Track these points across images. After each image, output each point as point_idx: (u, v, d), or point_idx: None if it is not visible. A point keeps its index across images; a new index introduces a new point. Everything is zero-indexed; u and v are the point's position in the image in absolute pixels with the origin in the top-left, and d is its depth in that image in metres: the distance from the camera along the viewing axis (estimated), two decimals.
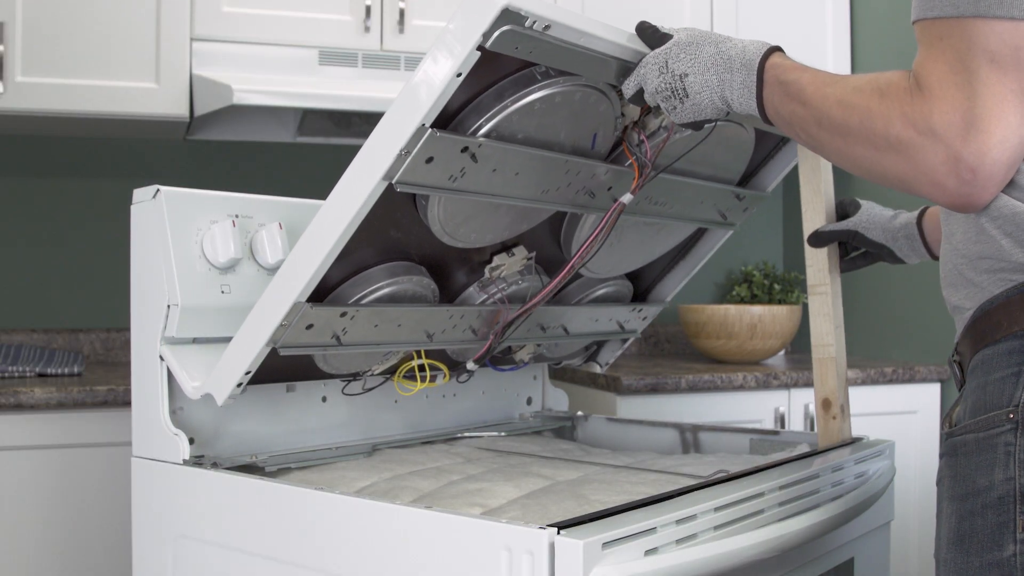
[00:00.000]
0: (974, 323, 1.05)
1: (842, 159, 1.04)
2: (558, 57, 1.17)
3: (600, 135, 1.36)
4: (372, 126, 2.91)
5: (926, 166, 0.93)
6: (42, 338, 2.53)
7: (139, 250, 1.45)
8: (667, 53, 1.19)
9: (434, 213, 1.33)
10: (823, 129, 1.04)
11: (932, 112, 0.92)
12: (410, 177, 1.17)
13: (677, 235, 1.68)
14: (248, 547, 1.27)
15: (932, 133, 0.92)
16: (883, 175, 0.99)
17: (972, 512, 0.98)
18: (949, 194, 0.94)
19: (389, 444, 1.62)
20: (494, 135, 1.22)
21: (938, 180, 0.93)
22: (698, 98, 1.17)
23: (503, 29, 1.08)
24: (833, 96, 1.03)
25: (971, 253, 1.05)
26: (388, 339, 1.43)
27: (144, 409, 1.43)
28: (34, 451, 1.96)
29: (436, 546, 1.06)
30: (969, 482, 0.99)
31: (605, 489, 1.28)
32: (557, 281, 1.47)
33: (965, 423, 1.01)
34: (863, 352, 2.87)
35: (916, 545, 2.56)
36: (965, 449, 1.00)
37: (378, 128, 1.16)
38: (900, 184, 0.98)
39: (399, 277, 1.40)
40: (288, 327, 1.26)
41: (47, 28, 2.22)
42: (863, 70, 2.85)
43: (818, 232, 1.49)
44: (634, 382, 2.28)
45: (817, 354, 1.48)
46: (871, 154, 0.98)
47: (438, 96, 1.11)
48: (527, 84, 1.22)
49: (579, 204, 1.42)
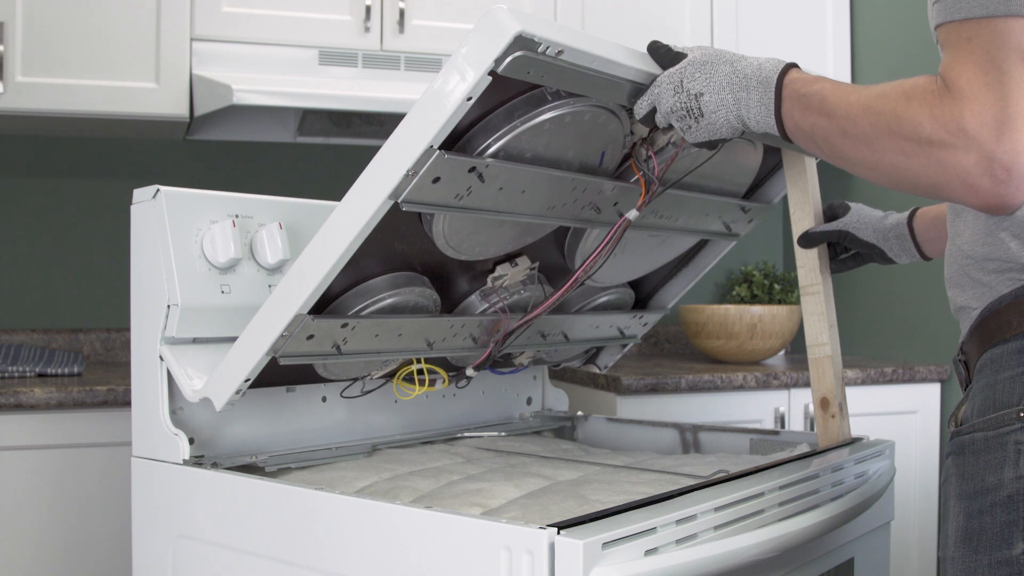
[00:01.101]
0: (982, 322, 1.04)
1: (869, 168, 1.02)
2: (570, 81, 1.16)
3: (608, 152, 1.35)
4: (372, 126, 2.92)
5: (959, 168, 0.91)
6: (42, 338, 2.53)
7: (139, 250, 1.45)
8: (682, 72, 1.18)
9: (439, 228, 1.32)
10: (848, 138, 1.02)
11: (963, 113, 0.90)
12: (416, 196, 1.17)
13: (681, 245, 1.68)
14: (248, 547, 1.27)
15: (964, 134, 0.90)
16: (913, 181, 0.97)
17: (981, 510, 0.97)
18: (983, 196, 0.92)
19: (389, 444, 1.62)
20: (502, 155, 1.21)
21: (971, 182, 0.91)
22: (713, 117, 1.16)
23: (516, 55, 1.07)
24: (858, 104, 1.01)
25: (978, 254, 1.04)
26: (388, 348, 1.43)
27: (144, 409, 1.43)
28: (34, 451, 1.96)
29: (436, 546, 1.06)
30: (978, 480, 0.98)
31: (605, 489, 1.28)
32: (560, 295, 1.47)
33: (973, 422, 1.01)
34: (863, 352, 2.87)
35: (916, 545, 2.56)
36: (973, 447, 1.00)
37: (385, 147, 1.15)
38: (930, 189, 0.96)
39: (401, 288, 1.40)
40: (289, 337, 1.27)
41: (47, 28, 2.22)
42: (863, 77, 2.85)
43: (808, 233, 1.48)
44: (634, 382, 2.28)
45: (813, 354, 1.48)
46: (900, 160, 0.96)
47: (447, 119, 1.10)
48: (537, 104, 1.21)
49: (584, 219, 1.42)
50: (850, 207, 1.51)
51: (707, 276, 3.13)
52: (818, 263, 1.48)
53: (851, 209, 1.51)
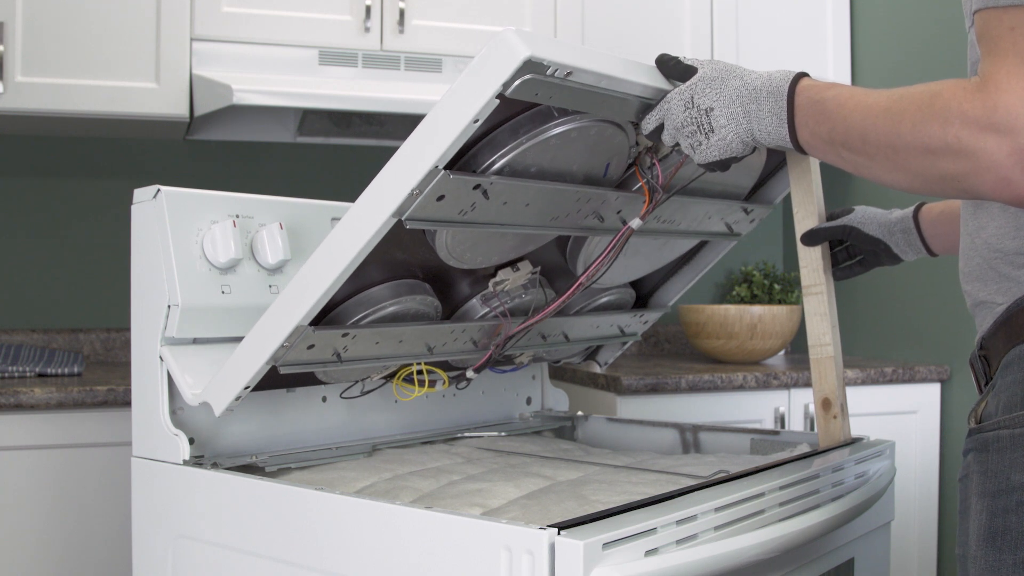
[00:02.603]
0: (1010, 318, 1.02)
1: (892, 172, 0.99)
2: (578, 100, 1.15)
3: (613, 163, 1.35)
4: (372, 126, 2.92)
5: (990, 162, 0.88)
6: (42, 338, 2.53)
7: (139, 250, 1.45)
8: (693, 88, 1.16)
9: (442, 241, 1.32)
10: (868, 143, 0.99)
11: (997, 106, 0.87)
12: (420, 214, 1.16)
13: (682, 246, 1.68)
14: (248, 547, 1.27)
15: (995, 128, 0.87)
16: (940, 180, 0.94)
17: (1006, 509, 0.96)
18: (1016, 188, 0.88)
19: (389, 444, 1.62)
20: (507, 171, 1.21)
21: (1004, 175, 0.88)
22: (723, 132, 1.14)
23: (524, 78, 1.06)
24: (878, 106, 0.98)
25: (1008, 248, 1.03)
26: (389, 353, 1.43)
27: (144, 409, 1.43)
28: (34, 451, 1.96)
29: (436, 546, 1.06)
30: (1003, 478, 0.97)
31: (605, 489, 1.28)
32: (561, 301, 1.47)
33: (999, 418, 0.99)
34: (863, 352, 2.87)
35: (916, 545, 2.56)
36: (998, 444, 0.98)
37: (390, 165, 1.15)
38: (956, 187, 0.93)
39: (403, 297, 1.40)
40: (290, 348, 1.27)
41: (47, 28, 2.22)
42: (863, 82, 2.85)
43: (813, 230, 1.43)
44: (634, 382, 2.28)
45: (815, 354, 1.48)
46: (925, 160, 0.93)
47: (453, 140, 1.09)
48: (543, 121, 1.20)
49: (588, 228, 1.42)
50: (854, 208, 1.51)
51: (707, 276, 3.13)
52: (821, 263, 1.48)
53: (855, 209, 1.51)
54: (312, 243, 1.53)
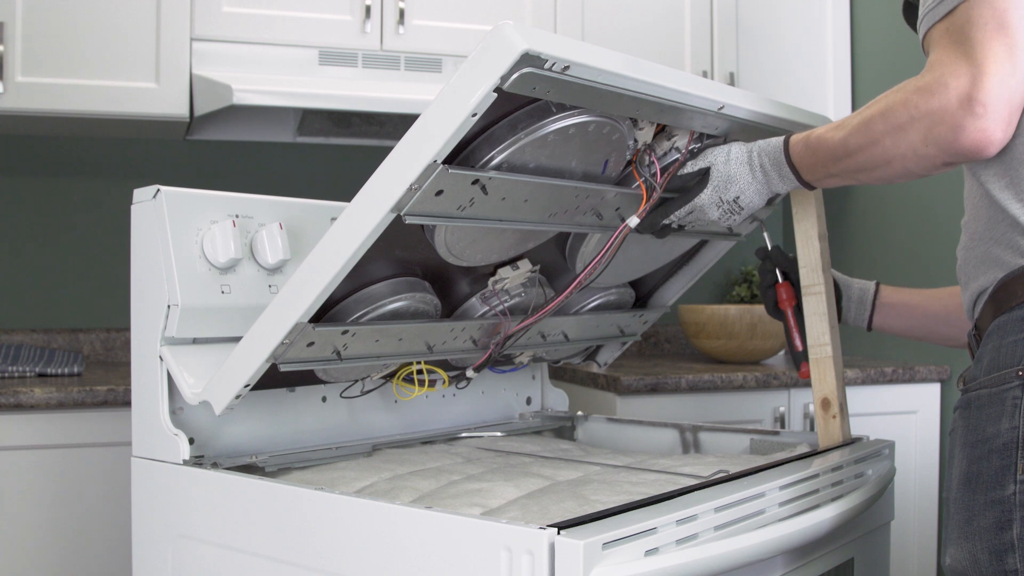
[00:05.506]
0: (994, 294, 1.15)
1: (884, 165, 1.16)
2: (576, 95, 1.16)
3: (612, 161, 1.35)
4: (372, 126, 2.92)
5: (944, 113, 1.06)
6: (42, 338, 2.53)
7: (139, 250, 1.45)
8: (716, 191, 1.35)
9: (440, 238, 1.32)
10: (852, 154, 1.19)
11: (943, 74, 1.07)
12: (419, 209, 1.16)
13: (681, 245, 1.68)
14: (248, 547, 1.27)
15: (945, 88, 1.06)
16: (914, 151, 1.11)
17: (980, 456, 1.09)
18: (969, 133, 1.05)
19: (389, 444, 1.62)
20: (505, 166, 1.21)
21: (957, 122, 1.05)
22: (750, 205, 1.35)
23: (522, 72, 1.06)
24: (851, 124, 1.19)
25: (996, 233, 1.15)
26: (389, 352, 1.43)
27: (144, 409, 1.43)
28: (34, 451, 1.96)
29: (436, 546, 1.06)
30: (980, 431, 1.10)
31: (605, 489, 1.28)
32: (561, 298, 1.47)
33: (980, 379, 1.13)
34: (863, 352, 2.87)
35: (916, 545, 2.56)
36: (979, 402, 1.11)
37: (388, 160, 1.15)
38: (926, 151, 1.09)
39: (402, 294, 1.40)
40: (289, 345, 1.27)
41: (47, 28, 2.22)
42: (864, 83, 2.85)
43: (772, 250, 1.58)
44: (634, 382, 2.28)
45: (814, 354, 1.48)
46: (900, 137, 1.12)
47: (451, 135, 1.09)
48: (542, 116, 1.20)
49: (586, 225, 1.42)
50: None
51: (707, 276, 3.12)
52: (820, 262, 1.48)
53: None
54: (312, 243, 1.53)
